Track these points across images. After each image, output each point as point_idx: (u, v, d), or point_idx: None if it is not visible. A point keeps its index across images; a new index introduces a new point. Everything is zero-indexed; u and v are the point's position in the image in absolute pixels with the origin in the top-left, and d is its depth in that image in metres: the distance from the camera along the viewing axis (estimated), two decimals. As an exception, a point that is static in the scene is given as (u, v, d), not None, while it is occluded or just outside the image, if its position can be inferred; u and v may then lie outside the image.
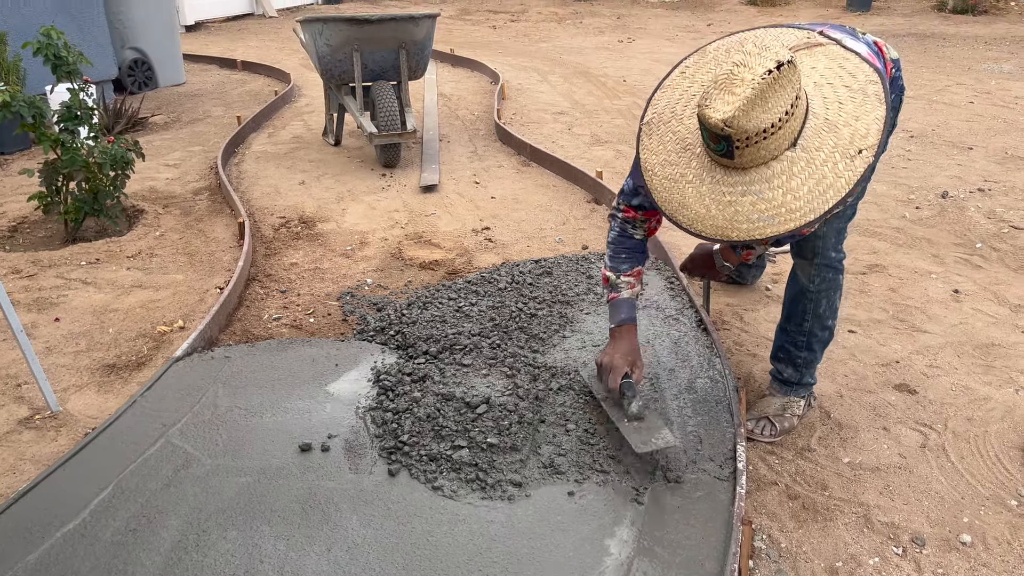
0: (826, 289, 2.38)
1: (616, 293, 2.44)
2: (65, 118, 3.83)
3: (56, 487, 2.16)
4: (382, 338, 2.97)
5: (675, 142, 2.02)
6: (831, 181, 1.83)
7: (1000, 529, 2.09)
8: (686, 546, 1.95)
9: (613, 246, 2.45)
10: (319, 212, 4.50)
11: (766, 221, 1.86)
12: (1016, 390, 2.69)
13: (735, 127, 1.77)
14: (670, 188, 2.00)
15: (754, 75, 1.74)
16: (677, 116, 2.05)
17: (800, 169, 1.85)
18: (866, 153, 1.82)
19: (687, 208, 1.97)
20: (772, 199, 1.86)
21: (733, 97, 1.75)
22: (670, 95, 2.09)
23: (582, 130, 6.27)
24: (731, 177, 1.90)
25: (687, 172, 1.98)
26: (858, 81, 1.89)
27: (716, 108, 1.78)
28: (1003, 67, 8.33)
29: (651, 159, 2.07)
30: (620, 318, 2.43)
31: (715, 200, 1.92)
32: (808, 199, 1.83)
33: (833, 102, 1.88)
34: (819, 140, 1.86)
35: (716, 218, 1.91)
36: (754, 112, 1.75)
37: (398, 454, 2.28)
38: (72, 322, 3.22)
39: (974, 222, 4.17)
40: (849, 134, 1.84)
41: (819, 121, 1.87)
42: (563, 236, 4.09)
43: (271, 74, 8.81)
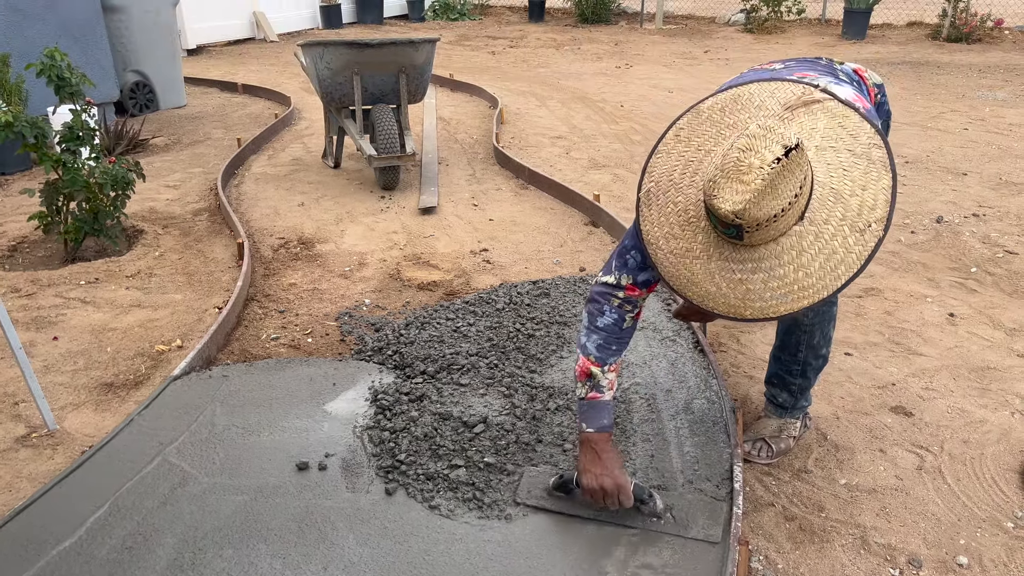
0: (820, 322, 2.35)
1: (599, 393, 2.16)
2: (67, 139, 3.86)
3: (52, 505, 2.16)
4: (380, 358, 2.98)
5: (677, 214, 1.94)
6: (842, 256, 1.78)
7: (997, 551, 2.09)
8: (682, 567, 1.94)
9: (604, 333, 2.17)
10: (318, 233, 4.52)
11: (779, 299, 1.82)
12: (1012, 413, 2.70)
13: (746, 217, 1.72)
14: (676, 264, 1.93)
15: (763, 162, 1.68)
16: (676, 185, 1.96)
17: (810, 244, 1.80)
18: (875, 227, 1.77)
19: (696, 285, 1.90)
20: (784, 276, 1.81)
21: (743, 187, 1.70)
22: (666, 161, 2.01)
23: (580, 154, 6.32)
24: (740, 254, 1.84)
25: (694, 247, 1.90)
26: (860, 144, 1.84)
27: (725, 199, 1.72)
28: (997, 95, 8.41)
29: (654, 231, 1.97)
30: (601, 424, 2.16)
31: (725, 278, 1.86)
32: (820, 275, 1.79)
33: (837, 168, 1.83)
34: (827, 212, 1.80)
35: (728, 296, 1.86)
36: (764, 201, 1.71)
37: (395, 473, 2.28)
38: (70, 341, 3.23)
39: (969, 247, 4.20)
40: (857, 205, 1.79)
41: (825, 191, 1.81)
42: (560, 258, 4.12)
43: (271, 97, 8.87)
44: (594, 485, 2.09)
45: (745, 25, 14.12)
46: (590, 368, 2.16)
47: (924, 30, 13.21)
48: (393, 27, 15.71)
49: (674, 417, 2.57)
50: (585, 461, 2.14)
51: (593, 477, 2.10)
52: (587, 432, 2.15)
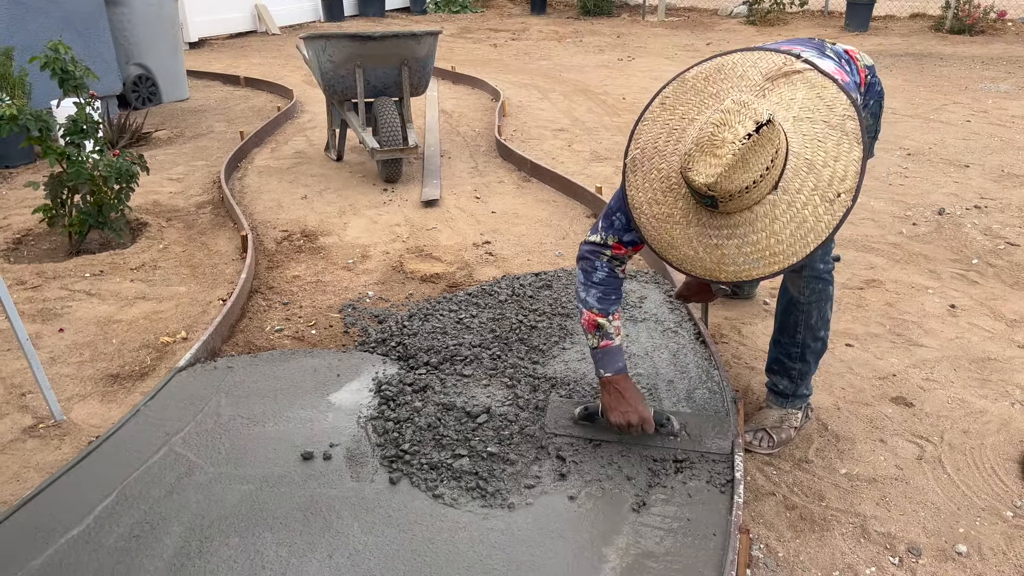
0: (816, 300, 2.40)
1: (609, 340, 2.36)
2: (71, 132, 3.87)
3: (60, 494, 2.18)
4: (383, 349, 3.00)
5: (660, 180, 2.05)
6: (812, 224, 1.89)
7: (996, 540, 2.10)
8: (684, 554, 1.96)
9: (602, 287, 2.34)
10: (321, 226, 4.53)
11: (752, 264, 1.94)
12: (1012, 403, 2.72)
13: (718, 189, 1.84)
14: (658, 228, 2.05)
15: (735, 137, 1.79)
16: (660, 152, 2.06)
17: (782, 212, 1.90)
18: (844, 196, 1.87)
19: (676, 249, 2.03)
20: (756, 243, 1.92)
21: (715, 160, 1.81)
22: (651, 128, 2.10)
23: (582, 146, 6.32)
24: (716, 220, 1.96)
25: (674, 212, 2.02)
26: (836, 115, 1.91)
27: (699, 171, 1.84)
28: (1000, 86, 8.40)
29: (638, 196, 2.10)
30: (618, 367, 2.37)
31: (702, 243, 1.98)
32: (791, 242, 1.90)
33: (812, 139, 1.91)
34: (800, 182, 1.89)
35: (704, 260, 1.99)
36: (735, 174, 1.81)
37: (399, 463, 2.30)
38: (76, 333, 3.25)
39: (970, 238, 4.21)
40: (828, 175, 1.88)
41: (799, 161, 1.90)
42: (563, 250, 4.13)
43: (274, 90, 8.88)
44: (622, 421, 2.35)
45: (747, 17, 14.08)
46: (596, 320, 2.35)
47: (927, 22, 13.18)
48: (395, 20, 15.69)
49: (676, 407, 2.59)
50: (610, 401, 2.37)
51: (620, 414, 2.35)
52: (606, 376, 2.38)
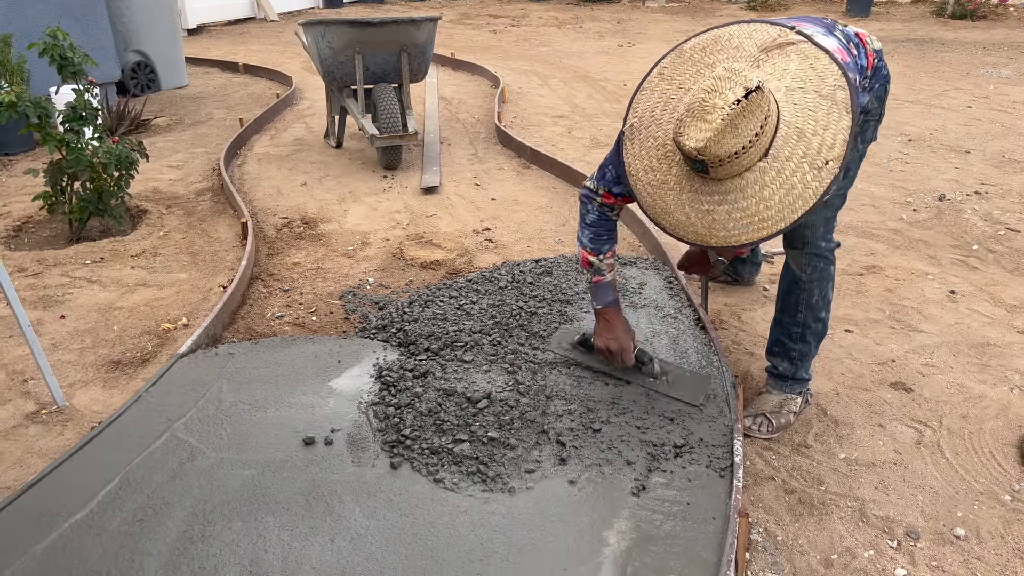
0: (818, 279, 2.42)
1: (600, 276, 2.53)
2: (70, 118, 3.87)
3: (63, 479, 2.19)
4: (384, 335, 3.01)
5: (656, 147, 2.11)
6: (800, 191, 1.92)
7: (994, 523, 2.12)
8: (684, 538, 1.98)
9: (594, 228, 2.50)
10: (321, 213, 4.53)
11: (741, 229, 1.98)
12: (1011, 388, 2.73)
13: (707, 154, 1.88)
14: (653, 195, 2.11)
15: (725, 103, 1.84)
16: (657, 120, 2.12)
17: (771, 179, 1.94)
18: (832, 164, 1.89)
19: (669, 214, 2.09)
20: (746, 208, 1.97)
21: (705, 125, 1.86)
22: (649, 98, 2.17)
23: (582, 133, 6.31)
24: (708, 187, 2.01)
25: (668, 179, 2.08)
26: (827, 85, 1.94)
27: (690, 136, 1.89)
28: (1001, 72, 8.38)
29: (635, 163, 2.16)
30: (608, 300, 2.55)
31: (694, 208, 2.03)
32: (779, 208, 1.94)
33: (803, 108, 1.95)
34: (789, 149, 1.93)
35: (696, 225, 2.04)
36: (725, 139, 1.86)
37: (400, 447, 2.31)
38: (77, 319, 3.25)
39: (971, 224, 4.21)
40: (818, 143, 1.91)
41: (790, 130, 1.94)
42: (563, 237, 4.13)
43: (273, 77, 8.86)
44: (602, 346, 2.58)
45: (748, 2, 14.02)
46: (589, 258, 2.53)
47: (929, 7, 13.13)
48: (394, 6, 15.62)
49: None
50: (599, 328, 2.60)
51: (603, 340, 2.58)
52: (597, 308, 2.58)
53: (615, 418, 2.46)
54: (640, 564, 1.89)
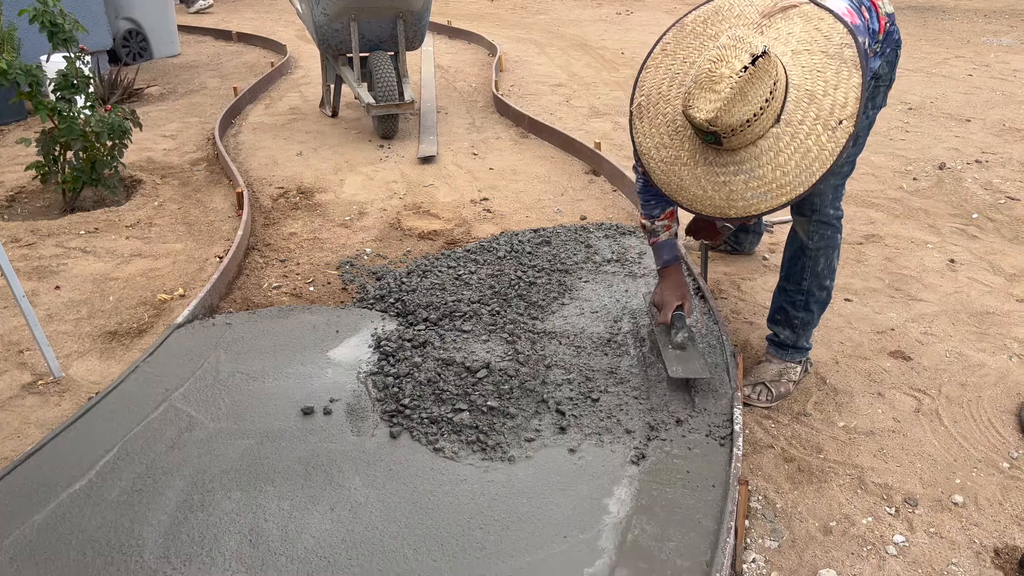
0: (824, 247, 2.41)
1: (656, 237, 2.61)
2: (62, 86, 3.81)
3: (61, 449, 2.18)
4: (382, 306, 2.99)
5: (666, 124, 2.09)
6: (816, 153, 1.90)
7: (992, 490, 2.12)
8: (684, 505, 1.98)
9: (643, 195, 2.57)
10: (317, 183, 4.49)
11: (760, 197, 1.96)
12: (1010, 356, 2.72)
13: (719, 124, 1.86)
14: (667, 171, 2.09)
15: (732, 71, 1.81)
16: (665, 97, 2.10)
17: (786, 144, 1.92)
18: (846, 123, 1.87)
19: (685, 190, 2.07)
20: (763, 176, 1.95)
21: (714, 95, 1.84)
22: (654, 75, 2.14)
23: (580, 102, 6.25)
24: (722, 158, 1.99)
25: (681, 154, 2.06)
26: (833, 44, 1.92)
27: (699, 108, 1.87)
28: (1002, 40, 8.30)
29: (645, 142, 2.14)
30: (664, 259, 2.61)
31: (710, 181, 2.01)
32: (796, 173, 1.92)
33: (811, 70, 1.92)
34: (801, 113, 1.91)
35: (713, 198, 2.02)
36: (735, 108, 1.84)
37: (399, 417, 2.31)
38: (72, 290, 3.23)
39: (971, 193, 4.19)
40: (829, 104, 1.89)
41: (800, 93, 1.92)
42: (561, 207, 4.10)
43: (267, 45, 8.75)
44: (654, 298, 2.67)
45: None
46: (644, 223, 2.63)
47: (930, -26, 12.96)
48: (389, -27, 15.38)
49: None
50: (659, 284, 2.67)
51: (655, 294, 2.67)
52: (657, 268, 2.68)
53: (614, 387, 2.45)
54: (640, 532, 1.89)
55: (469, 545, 1.86)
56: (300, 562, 1.81)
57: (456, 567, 1.80)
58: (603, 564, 1.80)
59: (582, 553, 1.83)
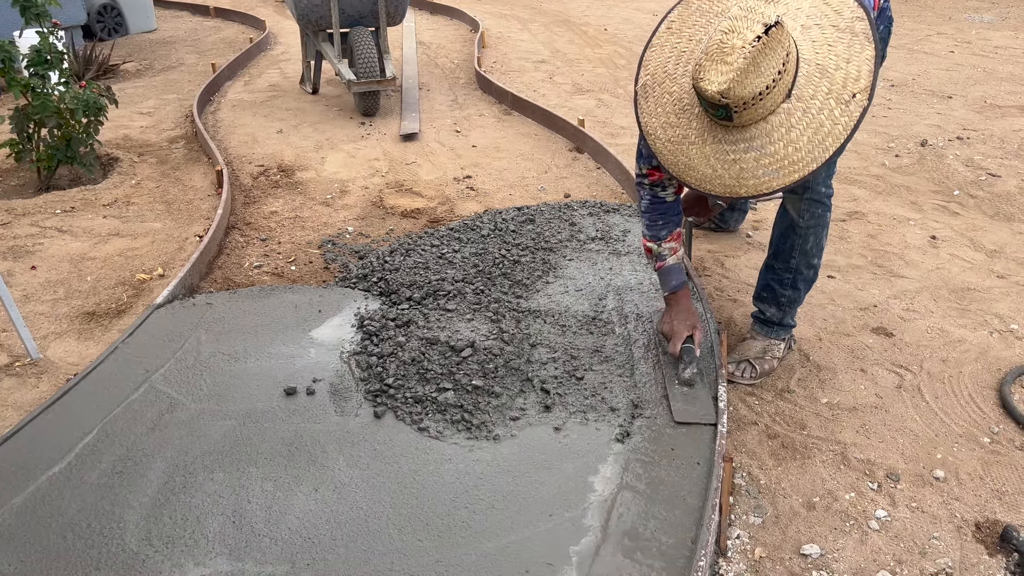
0: (814, 225, 2.40)
1: (662, 262, 2.46)
2: (35, 62, 3.73)
3: (40, 432, 2.15)
4: (365, 285, 2.97)
5: (672, 103, 2.03)
6: (829, 128, 1.86)
7: (973, 465, 2.14)
8: (668, 483, 1.98)
9: (648, 215, 2.43)
10: (298, 161, 4.44)
11: (771, 175, 1.91)
12: (990, 332, 2.74)
13: (731, 96, 1.80)
14: (674, 151, 2.03)
15: (744, 42, 1.76)
16: (671, 76, 2.04)
17: (797, 120, 1.87)
18: (860, 96, 1.84)
19: (693, 169, 2.01)
20: (775, 153, 1.90)
21: (726, 67, 1.78)
22: (659, 54, 2.08)
23: (563, 79, 6.21)
24: (732, 135, 1.93)
25: (689, 133, 2.00)
26: (844, 18, 1.89)
27: (711, 80, 1.80)
28: (984, 17, 8.32)
29: (651, 122, 2.07)
30: (672, 285, 2.45)
31: (720, 160, 1.96)
32: (809, 148, 1.87)
33: (822, 44, 1.88)
34: (813, 88, 1.87)
35: (723, 177, 1.96)
36: (748, 80, 1.78)
37: (383, 397, 2.29)
38: (49, 270, 3.18)
39: (952, 170, 4.20)
40: (842, 78, 1.86)
41: (811, 68, 1.88)
42: (545, 184, 4.08)
43: (245, 21, 8.62)
44: (662, 328, 2.49)
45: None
46: (648, 245, 2.48)
47: (913, -50, 12.95)
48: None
49: (660, 338, 2.59)
50: (665, 311, 2.51)
51: (664, 322, 2.49)
52: (665, 294, 2.50)
53: (598, 366, 2.45)
54: (625, 509, 1.89)
55: (454, 524, 1.85)
56: (284, 543, 1.80)
57: (441, 546, 1.79)
58: (588, 542, 1.80)
59: (567, 531, 1.83)
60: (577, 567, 1.73)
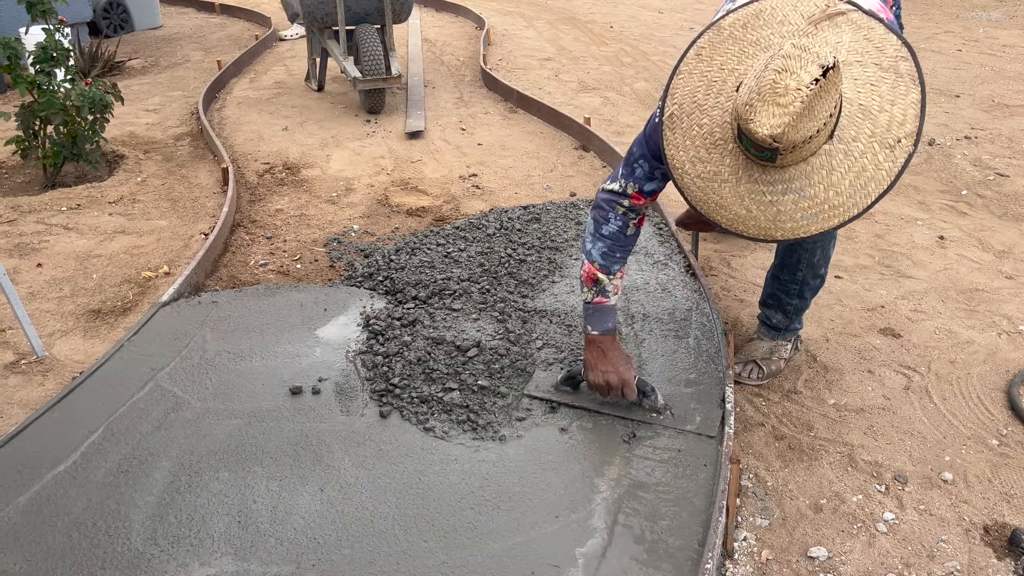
0: (821, 239, 2.34)
1: (604, 298, 2.23)
2: (41, 59, 3.73)
3: (46, 430, 2.15)
4: (370, 284, 2.96)
5: (702, 137, 1.91)
6: (872, 174, 1.76)
7: (981, 467, 2.13)
8: (675, 484, 1.97)
9: (609, 241, 2.21)
10: (303, 158, 4.43)
11: (810, 219, 1.81)
12: (999, 333, 2.73)
13: (784, 141, 1.70)
14: (704, 188, 1.91)
15: (800, 84, 1.64)
16: (700, 107, 1.92)
17: (839, 162, 1.78)
18: (905, 142, 1.75)
19: (726, 209, 1.89)
20: (815, 196, 1.80)
21: (780, 110, 1.67)
22: (688, 82, 1.95)
23: (569, 76, 6.19)
24: (770, 175, 1.82)
25: (722, 170, 1.88)
26: (887, 57, 1.80)
27: (762, 123, 1.69)
28: (991, 15, 8.28)
29: (679, 155, 1.94)
30: (606, 326, 2.24)
31: (755, 201, 1.84)
32: (850, 193, 1.78)
33: (864, 84, 1.79)
34: (855, 129, 1.78)
35: (758, 219, 1.85)
36: (802, 124, 1.68)
37: (389, 396, 2.29)
38: (55, 268, 3.18)
39: (960, 169, 4.18)
40: (886, 121, 1.77)
41: (853, 108, 1.79)
42: (551, 183, 4.07)
43: (251, 18, 8.61)
44: (600, 381, 2.21)
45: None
46: (596, 275, 2.22)
47: (920, -52, 12.89)
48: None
49: (665, 338, 2.58)
50: (592, 359, 2.24)
51: (600, 374, 2.21)
52: (592, 334, 2.24)
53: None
54: (632, 511, 1.88)
55: (460, 525, 1.85)
56: (289, 543, 1.79)
57: (447, 547, 1.79)
58: (595, 544, 1.79)
59: (574, 533, 1.82)
60: (583, 569, 1.73)
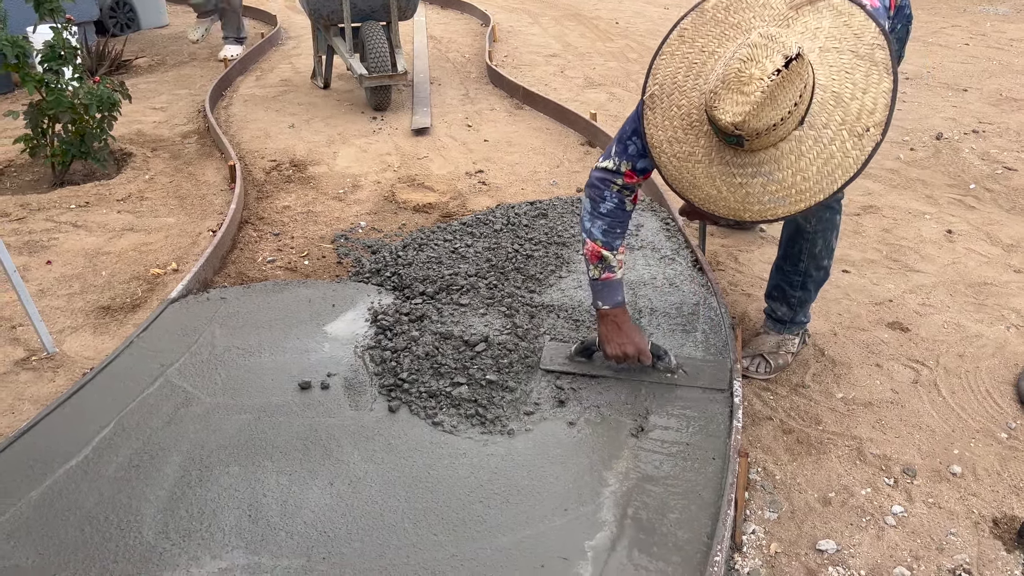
0: (823, 229, 2.36)
1: (611, 273, 2.30)
2: (48, 58, 3.74)
3: (57, 425, 2.17)
4: (378, 279, 2.97)
5: (680, 118, 1.97)
6: (839, 160, 1.82)
7: (990, 460, 2.13)
8: (683, 478, 1.98)
9: (608, 219, 2.26)
10: (310, 155, 4.44)
11: (777, 202, 1.88)
12: (1007, 327, 2.72)
13: (746, 129, 1.76)
14: (679, 167, 1.98)
15: (763, 73, 1.70)
16: (680, 88, 1.97)
17: (808, 148, 1.83)
18: (873, 131, 1.79)
19: (698, 188, 1.97)
20: (782, 180, 1.86)
21: (743, 98, 1.72)
22: (670, 63, 2.00)
23: (575, 72, 6.19)
24: (740, 158, 1.89)
25: (696, 151, 1.95)
26: (864, 44, 1.82)
27: (726, 110, 1.75)
28: (999, 9, 8.24)
29: (657, 135, 2.00)
30: (616, 300, 2.32)
31: (726, 182, 1.92)
32: (817, 179, 1.84)
33: (839, 71, 1.83)
34: (827, 116, 1.82)
35: (728, 199, 1.93)
36: (764, 112, 1.73)
37: (398, 391, 2.30)
38: (64, 265, 3.20)
39: (968, 163, 4.17)
40: (857, 109, 1.80)
41: (826, 95, 1.82)
42: (557, 179, 4.07)
43: (257, 16, 8.62)
44: (619, 352, 2.31)
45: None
46: (601, 252, 2.28)
47: (927, -58, 12.83)
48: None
49: (672, 333, 2.58)
50: (607, 332, 2.33)
51: (617, 346, 2.31)
52: (604, 309, 2.33)
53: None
54: (640, 504, 1.89)
55: (469, 518, 1.85)
56: (299, 536, 1.80)
57: (456, 540, 1.79)
58: (604, 537, 1.80)
59: (583, 526, 1.83)
60: (592, 562, 1.73)
